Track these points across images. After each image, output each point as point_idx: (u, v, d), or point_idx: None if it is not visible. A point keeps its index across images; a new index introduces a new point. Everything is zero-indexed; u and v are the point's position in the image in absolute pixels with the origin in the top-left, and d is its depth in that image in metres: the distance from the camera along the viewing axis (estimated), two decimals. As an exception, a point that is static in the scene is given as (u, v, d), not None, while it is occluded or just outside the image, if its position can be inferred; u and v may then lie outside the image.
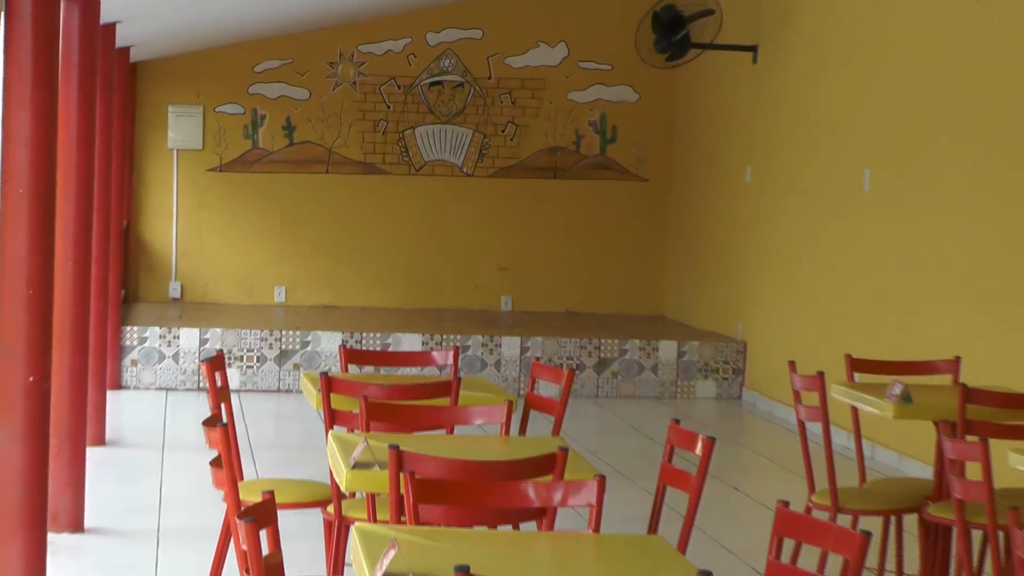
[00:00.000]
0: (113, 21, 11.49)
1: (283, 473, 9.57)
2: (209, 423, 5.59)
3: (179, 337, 13.87)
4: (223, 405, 6.84)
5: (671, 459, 5.74)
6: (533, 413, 7.36)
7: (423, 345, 14.06)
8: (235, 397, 13.10)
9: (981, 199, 10.24)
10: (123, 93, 14.02)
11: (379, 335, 14.13)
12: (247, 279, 16.38)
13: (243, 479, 6.58)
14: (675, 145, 16.54)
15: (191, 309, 15.62)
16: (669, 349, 14.40)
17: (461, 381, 6.98)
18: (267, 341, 13.97)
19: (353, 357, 8.00)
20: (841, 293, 12.39)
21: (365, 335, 14.10)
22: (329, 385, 6.78)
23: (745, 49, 14.34)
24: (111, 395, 12.56)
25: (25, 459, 5.65)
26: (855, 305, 12.11)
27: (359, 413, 6.30)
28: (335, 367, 13.31)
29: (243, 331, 13.99)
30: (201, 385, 13.63)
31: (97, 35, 9.13)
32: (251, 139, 16.36)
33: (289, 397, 13.76)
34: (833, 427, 7.34)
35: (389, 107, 16.46)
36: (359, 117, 16.44)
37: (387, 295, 16.50)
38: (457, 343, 14.06)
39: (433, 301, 16.51)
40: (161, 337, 13.83)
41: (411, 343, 14.08)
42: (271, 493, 4.67)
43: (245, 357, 13.92)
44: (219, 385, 6.89)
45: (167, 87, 16.22)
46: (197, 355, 13.81)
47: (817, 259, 12.88)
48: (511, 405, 6.55)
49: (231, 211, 16.36)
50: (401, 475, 4.93)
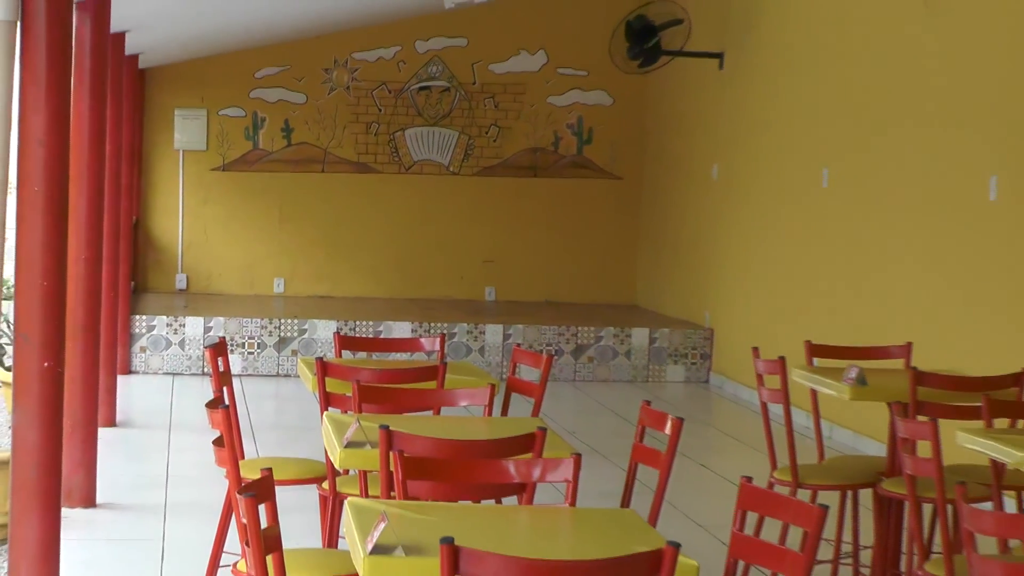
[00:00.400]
0: (123, 30, 11.47)
1: (281, 452, 9.56)
2: (212, 405, 5.58)
3: (185, 325, 13.84)
4: (225, 389, 6.83)
5: (643, 438, 5.74)
6: (514, 396, 7.36)
7: (412, 332, 14.04)
8: (237, 381, 13.09)
9: (931, 195, 10.26)
10: (132, 97, 13.99)
11: (371, 323, 14.12)
12: (248, 271, 16.35)
13: (244, 457, 6.58)
14: (647, 145, 16.53)
15: (196, 299, 15.58)
16: (641, 336, 14.40)
17: (447, 366, 6.98)
18: (267, 329, 13.95)
19: (347, 343, 7.99)
20: (802, 283, 12.40)
21: (358, 323, 14.08)
22: (324, 370, 6.77)
23: (712, 56, 14.34)
24: (121, 379, 12.56)
25: (41, 439, 5.63)
26: (815, 294, 12.12)
27: (352, 396, 6.29)
28: (330, 353, 13.29)
29: (244, 320, 13.97)
30: (205, 370, 13.60)
31: (108, 43, 9.09)
32: (252, 140, 16.32)
33: (287, 381, 13.74)
34: (794, 408, 7.35)
35: (380, 110, 16.43)
36: (352, 120, 16.41)
37: (379, 286, 16.48)
38: (444, 330, 14.05)
39: (422, 291, 16.49)
40: (168, 325, 13.81)
41: (401, 330, 14.07)
42: (270, 470, 4.67)
43: (246, 344, 13.90)
44: (222, 370, 6.88)
45: (173, 92, 16.18)
46: (202, 342, 13.78)
47: (779, 251, 12.89)
48: (494, 388, 6.56)
49: (233, 208, 16.32)
50: (391, 453, 4.93)
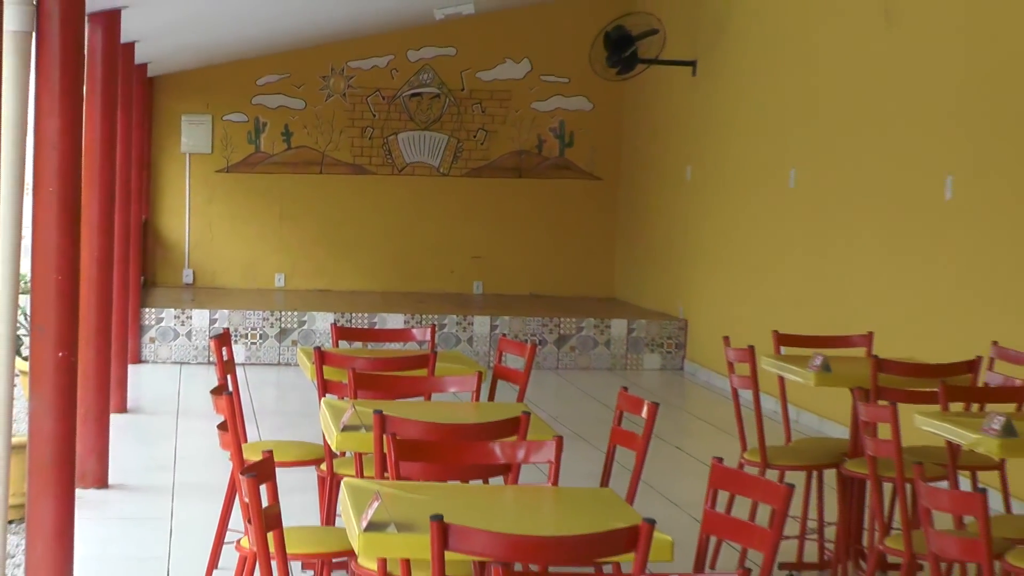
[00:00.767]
0: (132, 40, 11.45)
1: (282, 435, 9.56)
2: (217, 392, 5.57)
3: (191, 317, 13.82)
4: (229, 377, 6.82)
5: (621, 422, 5.74)
6: (500, 383, 7.36)
7: (405, 324, 14.03)
8: (240, 370, 13.09)
9: (891, 195, 10.27)
10: (141, 104, 13.96)
11: (367, 315, 14.11)
12: (251, 267, 16.33)
13: (247, 441, 6.56)
14: (624, 148, 16.53)
15: (202, 293, 15.56)
16: (620, 327, 14.40)
17: (438, 355, 6.97)
18: (268, 321, 13.93)
19: (343, 334, 7.98)
20: (770, 276, 12.41)
21: (354, 315, 14.07)
22: (322, 358, 6.77)
23: (685, 64, 14.34)
24: (132, 368, 12.54)
25: (56, 425, 5.62)
26: (782, 287, 12.13)
27: (348, 383, 6.29)
28: (328, 343, 13.29)
29: (247, 312, 13.95)
30: (210, 359, 13.58)
31: (118, 52, 9.07)
32: (254, 144, 16.29)
33: (288, 369, 13.72)
34: (762, 394, 7.35)
35: (375, 115, 16.41)
36: (348, 124, 16.40)
37: (374, 280, 16.47)
38: (435, 322, 14.05)
39: (414, 285, 16.48)
40: (176, 317, 13.79)
41: (395, 322, 14.06)
42: (271, 453, 4.66)
43: (249, 335, 13.88)
44: (226, 359, 6.87)
45: (180, 98, 16.15)
46: (207, 333, 13.77)
47: (749, 247, 12.90)
48: (481, 376, 6.56)
49: (237, 207, 16.30)
50: (384, 436, 4.93)
